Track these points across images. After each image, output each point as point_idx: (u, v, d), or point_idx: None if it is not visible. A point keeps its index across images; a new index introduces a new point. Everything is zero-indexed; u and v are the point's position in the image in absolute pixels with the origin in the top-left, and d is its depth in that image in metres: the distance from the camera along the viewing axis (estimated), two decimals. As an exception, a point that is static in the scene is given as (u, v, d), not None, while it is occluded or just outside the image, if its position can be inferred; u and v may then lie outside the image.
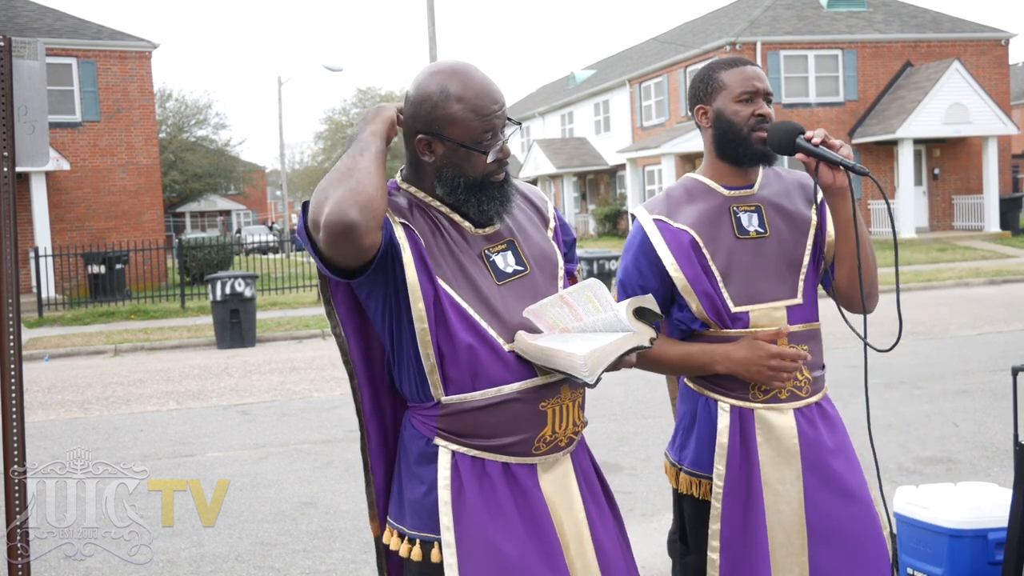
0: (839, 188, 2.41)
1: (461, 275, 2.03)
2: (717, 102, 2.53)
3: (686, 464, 2.58)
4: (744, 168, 2.58)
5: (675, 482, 2.62)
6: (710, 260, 2.48)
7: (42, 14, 23.40)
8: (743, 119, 2.49)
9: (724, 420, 2.49)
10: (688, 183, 2.64)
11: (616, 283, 2.60)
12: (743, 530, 2.45)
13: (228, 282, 13.99)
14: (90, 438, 8.14)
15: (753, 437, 2.48)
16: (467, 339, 1.99)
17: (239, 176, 52.74)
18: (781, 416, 2.50)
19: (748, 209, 2.56)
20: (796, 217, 2.59)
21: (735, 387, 2.50)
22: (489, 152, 2.01)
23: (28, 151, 3.00)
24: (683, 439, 2.61)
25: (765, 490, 2.46)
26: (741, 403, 2.49)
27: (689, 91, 2.65)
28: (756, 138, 2.49)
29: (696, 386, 2.57)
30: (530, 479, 2.04)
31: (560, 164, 37.38)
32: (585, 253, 15.17)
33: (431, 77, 2.03)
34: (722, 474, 2.47)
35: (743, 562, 2.45)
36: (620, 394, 8.62)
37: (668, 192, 2.65)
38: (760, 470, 2.46)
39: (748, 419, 2.49)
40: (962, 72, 26.22)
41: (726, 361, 2.44)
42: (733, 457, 2.47)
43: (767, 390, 2.49)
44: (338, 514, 5.79)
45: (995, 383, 8.52)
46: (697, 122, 2.60)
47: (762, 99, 2.52)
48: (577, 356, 1.87)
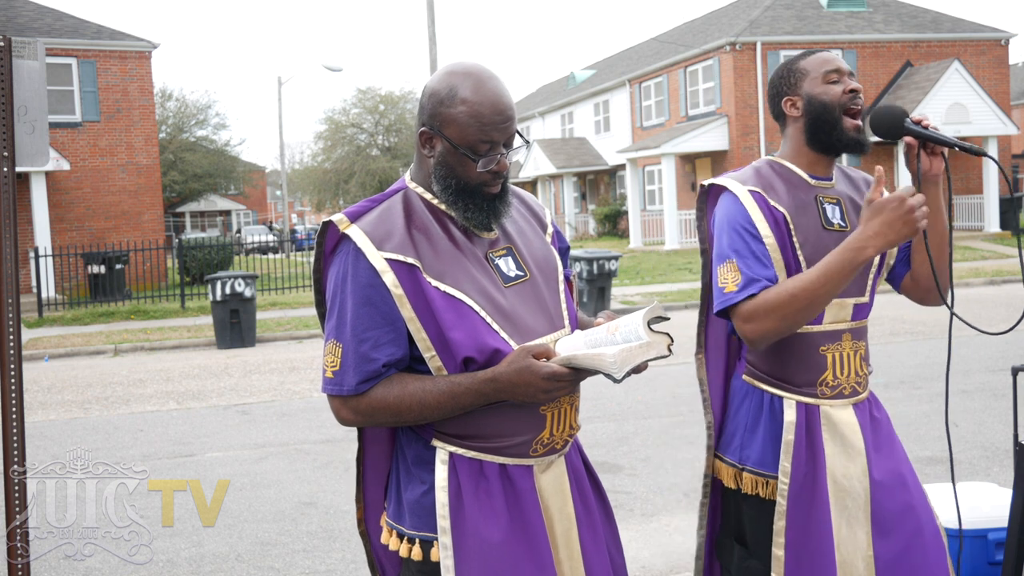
0: (934, 175, 2.42)
1: (468, 278, 2.02)
2: (805, 88, 2.51)
3: (750, 464, 2.54)
4: (831, 157, 2.56)
5: (735, 483, 2.57)
6: (798, 248, 2.45)
7: (42, 14, 23.40)
8: (836, 97, 2.48)
9: (790, 416, 2.47)
10: (773, 165, 2.58)
11: (722, 259, 2.44)
12: (808, 527, 2.44)
13: (228, 282, 13.99)
14: (90, 438, 8.14)
15: (819, 433, 2.46)
16: (476, 342, 1.97)
17: (239, 176, 52.73)
18: (844, 412, 2.50)
19: (831, 201, 2.54)
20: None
21: (802, 382, 2.48)
22: (481, 161, 2.00)
23: (28, 151, 3.00)
24: (745, 439, 2.56)
25: (830, 486, 2.44)
26: (807, 399, 2.48)
27: (770, 89, 2.61)
28: (851, 123, 2.48)
29: (759, 382, 2.53)
30: (526, 480, 2.05)
31: (560, 164, 37.38)
32: (585, 253, 15.14)
33: (447, 74, 2.03)
34: (788, 471, 2.44)
35: (808, 559, 2.43)
36: (620, 394, 8.62)
37: (756, 169, 2.58)
38: (826, 466, 2.45)
39: (814, 415, 2.47)
40: (962, 72, 26.22)
41: (869, 239, 2.23)
42: (799, 453, 2.45)
43: (834, 385, 2.48)
44: (338, 514, 5.79)
45: (995, 383, 8.53)
46: (787, 115, 2.55)
47: (847, 77, 2.51)
48: (607, 355, 1.87)
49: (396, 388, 1.99)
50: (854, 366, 2.52)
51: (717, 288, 2.43)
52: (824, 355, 2.49)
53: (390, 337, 1.98)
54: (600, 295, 15.06)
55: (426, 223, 2.05)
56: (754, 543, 2.53)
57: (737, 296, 2.37)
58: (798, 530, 2.44)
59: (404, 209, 2.06)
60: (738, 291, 2.37)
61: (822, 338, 2.48)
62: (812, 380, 2.48)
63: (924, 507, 2.51)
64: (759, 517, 2.51)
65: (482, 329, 1.97)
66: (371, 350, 1.97)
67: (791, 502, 2.44)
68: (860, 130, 2.49)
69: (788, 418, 2.47)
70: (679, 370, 10.00)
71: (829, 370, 2.49)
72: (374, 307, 1.97)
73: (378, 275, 1.97)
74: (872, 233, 2.22)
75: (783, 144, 2.61)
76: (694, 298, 16.72)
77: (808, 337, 2.48)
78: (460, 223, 2.07)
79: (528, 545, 2.01)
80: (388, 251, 1.98)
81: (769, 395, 2.51)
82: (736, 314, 2.38)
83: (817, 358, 2.49)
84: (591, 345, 1.95)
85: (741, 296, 2.36)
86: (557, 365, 1.92)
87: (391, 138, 49.96)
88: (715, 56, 29.02)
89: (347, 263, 2.00)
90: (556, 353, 1.97)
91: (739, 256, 2.40)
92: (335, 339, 2.01)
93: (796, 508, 2.44)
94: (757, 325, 2.34)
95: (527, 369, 1.90)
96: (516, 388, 1.92)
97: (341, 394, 2.00)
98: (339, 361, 2.00)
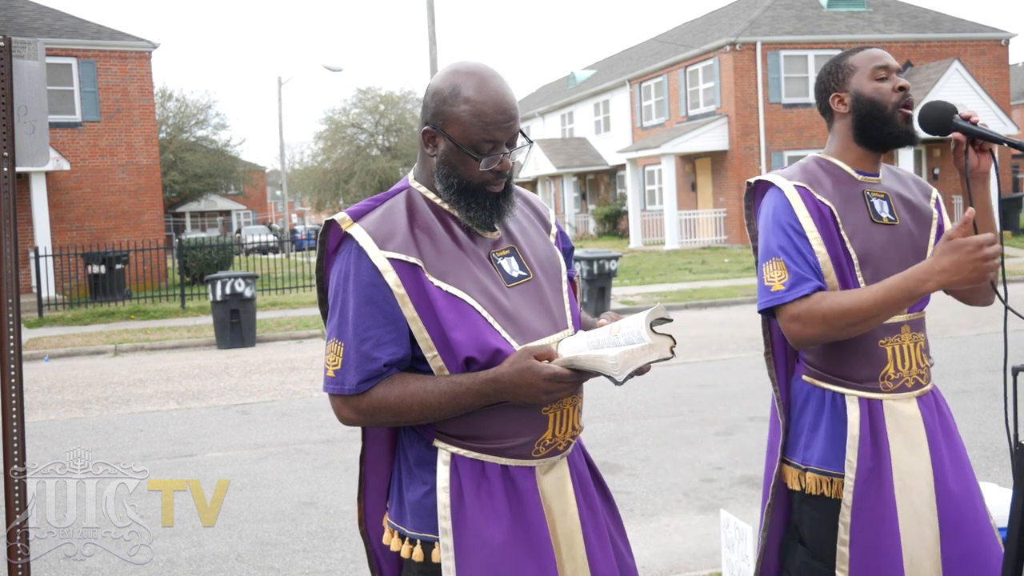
0: (982, 172, 2.44)
1: (471, 277, 2.01)
2: (853, 84, 2.52)
3: (813, 464, 2.52)
4: (879, 153, 2.57)
5: (799, 484, 2.55)
6: (848, 241, 2.45)
7: (42, 14, 23.39)
8: (886, 94, 2.48)
9: (854, 412, 2.46)
10: (819, 161, 2.58)
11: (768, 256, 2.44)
12: (874, 524, 2.42)
13: (228, 282, 13.99)
14: (90, 438, 8.14)
15: (883, 428, 2.46)
16: (478, 342, 1.97)
17: (239, 176, 52.73)
18: (908, 405, 2.50)
19: (879, 196, 2.54)
20: (919, 209, 2.60)
21: (863, 377, 2.47)
22: (483, 161, 2.00)
23: (28, 151, 3.00)
24: (808, 439, 2.54)
25: (896, 482, 2.43)
26: (870, 394, 2.47)
27: (818, 85, 2.61)
28: (902, 115, 2.49)
29: (820, 381, 2.52)
30: (528, 481, 2.04)
31: (560, 164, 37.38)
32: (585, 253, 15.13)
33: (451, 73, 2.03)
34: (853, 466, 2.43)
35: (875, 557, 2.42)
36: (620, 394, 8.62)
37: (802, 165, 2.58)
38: (892, 461, 2.44)
39: (877, 410, 2.47)
40: (962, 72, 26.24)
41: (935, 274, 2.24)
42: (864, 449, 2.44)
43: (896, 379, 2.48)
44: (338, 514, 5.79)
45: (994, 383, 8.53)
46: (834, 111, 2.55)
47: (896, 73, 2.51)
48: (608, 357, 1.87)
49: (397, 388, 1.99)
50: (915, 358, 2.53)
51: (763, 286, 2.43)
52: (884, 348, 2.49)
53: (392, 336, 1.97)
54: (600, 295, 15.06)
55: (429, 223, 2.05)
56: (816, 544, 2.51)
57: (787, 296, 2.38)
58: (864, 527, 2.42)
59: (407, 208, 2.06)
60: (787, 290, 2.38)
61: (881, 331, 2.48)
62: (874, 375, 2.47)
63: (982, 504, 2.52)
64: (822, 517, 2.50)
65: (484, 329, 1.97)
66: (373, 349, 1.97)
67: (856, 499, 2.43)
68: (909, 121, 2.50)
69: (851, 414, 2.46)
70: (679, 370, 10.01)
71: (890, 363, 2.49)
72: (376, 306, 1.97)
73: (380, 274, 1.96)
74: (940, 268, 2.23)
75: (830, 141, 2.61)
76: (694, 298, 16.72)
77: (868, 332, 2.46)
78: (463, 223, 2.07)
79: (530, 547, 2.01)
80: (390, 250, 1.98)
81: (831, 393, 2.50)
82: (784, 312, 2.39)
83: (877, 352, 2.48)
84: (593, 346, 1.94)
85: (792, 296, 2.37)
86: (559, 366, 1.92)
87: (391, 138, 49.95)
88: (715, 56, 29.02)
89: (349, 262, 1.99)
90: (558, 354, 1.96)
91: (785, 254, 2.41)
92: (337, 338, 2.00)
93: (862, 505, 2.43)
94: (804, 328, 2.36)
95: (529, 370, 1.90)
96: (518, 389, 1.92)
97: (342, 393, 2.00)
98: (341, 360, 2.00)
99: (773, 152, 28.22)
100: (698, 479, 6.22)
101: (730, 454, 6.76)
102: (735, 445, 7.00)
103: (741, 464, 6.49)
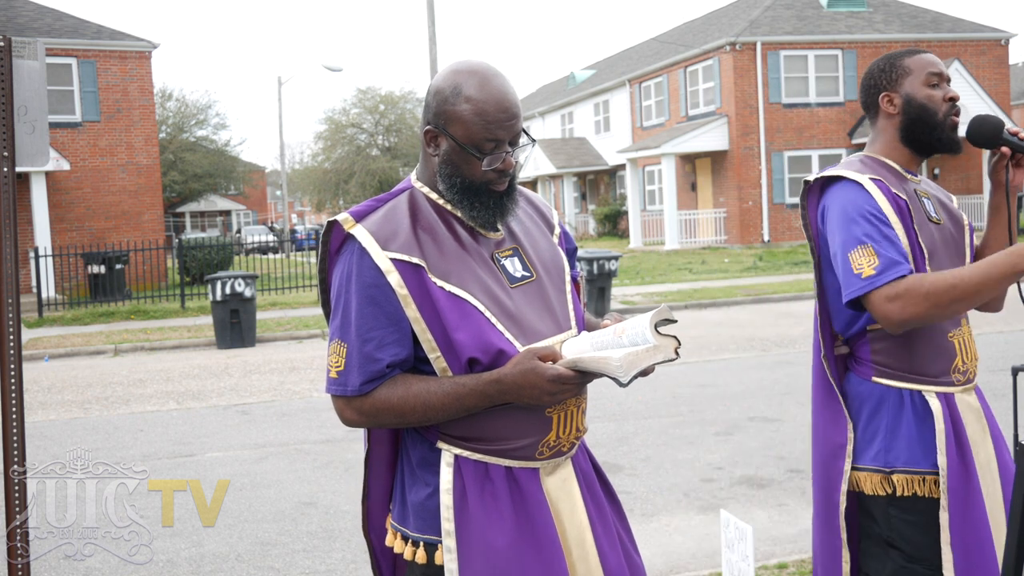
0: (1015, 186, 2.49)
1: (474, 278, 2.01)
2: (905, 87, 2.52)
3: (900, 465, 2.48)
4: (923, 157, 2.58)
5: (883, 489, 2.50)
6: (918, 234, 2.45)
7: (42, 14, 23.40)
8: (937, 102, 2.50)
9: (937, 407, 2.46)
10: (875, 159, 2.58)
11: (852, 245, 2.39)
12: (970, 519, 2.44)
13: (228, 282, 13.99)
14: (90, 438, 8.14)
15: (960, 421, 2.47)
16: (481, 342, 1.96)
17: (239, 176, 52.75)
18: (972, 397, 2.53)
19: (925, 196, 2.56)
20: (953, 212, 2.63)
21: (938, 371, 2.48)
22: (486, 160, 1.99)
23: (28, 151, 3.00)
24: (888, 441, 2.50)
25: (979, 474, 2.46)
26: (945, 388, 2.48)
27: (867, 80, 2.61)
28: (951, 123, 2.50)
29: (894, 381, 2.49)
30: (533, 483, 2.03)
31: (560, 164, 37.39)
32: (585, 253, 15.14)
33: (452, 72, 2.03)
34: (945, 464, 2.43)
35: (977, 552, 2.42)
36: (620, 394, 8.62)
37: (861, 161, 2.57)
38: (973, 454, 2.46)
39: (953, 404, 2.48)
40: (962, 72, 26.25)
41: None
42: (950, 444, 2.44)
43: (964, 371, 2.50)
44: (338, 514, 5.79)
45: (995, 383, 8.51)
46: (881, 109, 2.56)
47: (946, 83, 2.53)
48: (613, 359, 1.87)
49: (400, 389, 1.98)
50: (973, 350, 2.56)
51: (851, 275, 2.38)
52: (952, 341, 2.50)
53: (394, 337, 1.97)
54: (600, 295, 15.06)
55: (432, 223, 2.04)
56: (914, 547, 2.47)
57: (880, 279, 2.33)
58: (961, 523, 2.43)
59: (409, 209, 2.05)
60: (879, 274, 2.33)
61: (950, 324, 2.49)
62: (946, 368, 2.49)
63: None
64: (917, 519, 2.47)
65: (487, 329, 1.96)
66: (375, 350, 1.97)
67: (952, 496, 2.43)
68: (956, 130, 2.52)
69: (936, 410, 2.46)
70: (679, 370, 10.00)
71: (958, 356, 2.51)
72: (378, 307, 1.96)
73: (383, 275, 1.96)
74: None
75: (874, 139, 2.61)
76: (694, 298, 16.72)
77: (938, 325, 2.47)
78: (466, 222, 2.07)
79: (536, 549, 2.00)
80: (393, 251, 1.97)
81: (908, 391, 2.49)
82: (878, 296, 2.33)
83: (947, 345, 2.49)
84: (597, 347, 1.94)
85: (886, 278, 2.32)
86: (563, 367, 1.91)
87: (391, 138, 49.97)
88: (715, 56, 29.02)
89: (352, 262, 1.99)
90: (562, 355, 1.96)
91: (872, 240, 2.38)
92: (339, 339, 2.00)
93: (957, 501, 2.43)
94: (905, 306, 2.30)
95: (532, 371, 1.89)
96: (521, 390, 1.91)
97: (345, 394, 2.00)
98: (343, 361, 1.99)
99: (773, 152, 28.23)
100: (698, 479, 6.22)
101: (730, 454, 6.76)
102: (735, 445, 7.00)
103: (741, 464, 6.49)
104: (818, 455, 2.64)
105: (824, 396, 2.61)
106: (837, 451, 2.58)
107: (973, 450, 2.47)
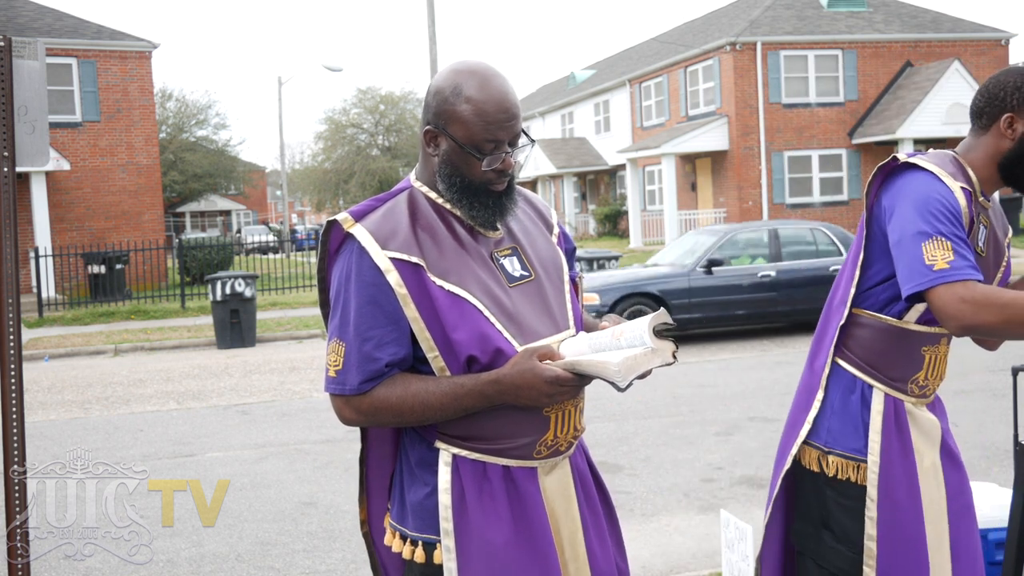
0: None
1: (473, 277, 2.01)
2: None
3: (838, 448, 2.49)
4: (1004, 187, 2.50)
5: (818, 466, 2.52)
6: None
7: (42, 14, 23.40)
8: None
9: (878, 404, 2.46)
10: (964, 168, 2.44)
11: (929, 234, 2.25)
12: (900, 521, 2.44)
13: (228, 282, 13.99)
14: (90, 438, 8.14)
15: (906, 425, 2.48)
16: (479, 341, 1.96)
17: (239, 176, 52.77)
18: (923, 412, 2.52)
19: (984, 224, 2.46)
20: (1000, 247, 2.56)
21: (895, 376, 2.47)
22: (485, 160, 2.00)
23: (28, 151, 3.00)
24: (832, 422, 2.51)
25: (921, 479, 2.46)
26: (895, 393, 2.48)
27: (995, 90, 2.41)
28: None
29: (851, 367, 2.49)
30: (530, 482, 2.04)
31: (560, 164, 37.39)
32: (585, 253, 15.18)
33: (452, 72, 2.03)
34: (877, 453, 2.44)
35: (902, 553, 2.43)
36: (620, 394, 8.62)
37: (953, 162, 2.43)
38: (916, 458, 2.46)
39: (900, 408, 2.48)
40: (962, 72, 26.23)
41: None
42: (888, 443, 2.45)
43: (923, 386, 2.50)
44: (338, 514, 5.79)
45: (994, 383, 8.53)
46: (996, 126, 2.39)
47: None
48: (611, 363, 1.87)
49: (399, 388, 1.98)
50: (941, 370, 2.54)
51: (922, 265, 2.23)
52: (923, 355, 2.48)
53: (393, 336, 1.97)
54: (600, 295, 15.06)
55: (431, 222, 2.04)
56: (843, 531, 2.49)
57: (954, 275, 2.18)
58: (890, 523, 2.43)
59: (409, 208, 2.05)
60: (953, 269, 2.19)
61: (928, 339, 2.46)
62: (905, 376, 2.48)
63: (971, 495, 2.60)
64: (850, 504, 2.48)
65: (486, 329, 1.96)
66: (374, 349, 1.97)
67: (881, 492, 2.43)
68: None
69: (876, 406, 2.46)
70: (679, 370, 10.00)
71: (923, 371, 2.49)
72: (378, 306, 1.96)
73: (382, 274, 1.96)
74: None
75: (972, 147, 2.45)
76: (694, 298, 16.70)
77: (916, 335, 2.45)
78: (466, 222, 2.07)
79: (532, 548, 2.00)
80: (392, 250, 1.97)
81: (861, 381, 2.49)
82: (950, 292, 2.18)
83: (916, 357, 2.47)
84: (595, 349, 1.94)
85: (960, 276, 2.18)
86: (561, 369, 1.91)
87: (391, 138, 49.99)
88: (715, 56, 29.02)
89: (351, 262, 1.99)
90: (561, 355, 1.96)
91: (953, 240, 2.24)
92: (338, 338, 2.00)
93: (887, 499, 2.43)
94: (978, 312, 2.16)
95: (531, 371, 1.89)
96: (519, 390, 1.91)
97: (344, 393, 2.00)
98: (342, 360, 1.99)
99: (773, 152, 28.22)
100: (698, 479, 6.22)
101: (730, 454, 6.76)
102: (735, 445, 7.00)
103: (741, 464, 6.49)
104: (785, 428, 2.69)
105: (807, 375, 2.64)
106: (798, 421, 2.60)
107: (916, 456, 2.46)
